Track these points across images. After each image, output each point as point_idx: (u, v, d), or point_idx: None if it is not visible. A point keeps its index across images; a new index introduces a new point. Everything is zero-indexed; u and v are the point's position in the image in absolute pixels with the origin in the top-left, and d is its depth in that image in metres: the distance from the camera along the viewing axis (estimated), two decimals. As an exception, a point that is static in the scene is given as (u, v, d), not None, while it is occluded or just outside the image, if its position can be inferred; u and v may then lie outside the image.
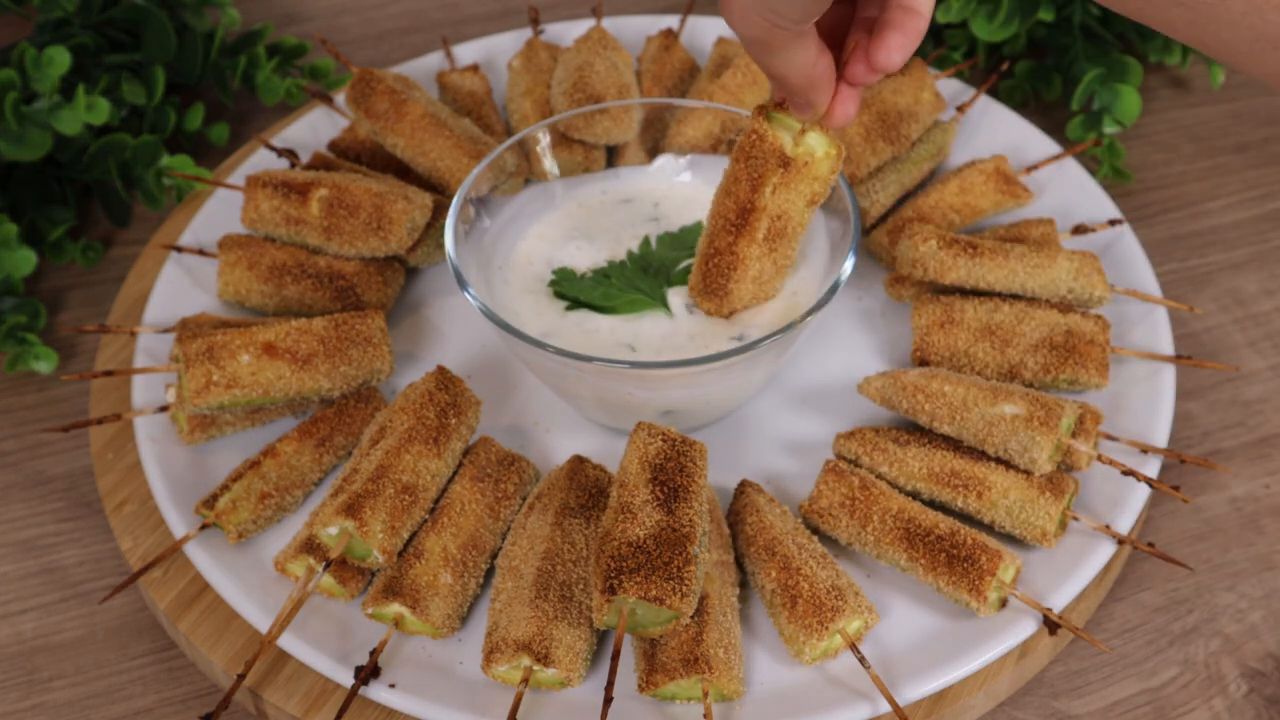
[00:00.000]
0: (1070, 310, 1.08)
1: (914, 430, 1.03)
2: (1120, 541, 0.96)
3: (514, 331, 0.97)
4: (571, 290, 1.05)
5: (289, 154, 1.23)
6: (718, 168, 1.15)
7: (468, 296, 0.99)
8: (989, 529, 0.99)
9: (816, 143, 0.93)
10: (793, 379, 1.10)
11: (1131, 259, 1.14)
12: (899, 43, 0.85)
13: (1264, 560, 1.03)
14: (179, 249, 1.17)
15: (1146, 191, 1.31)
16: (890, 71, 0.87)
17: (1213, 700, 0.96)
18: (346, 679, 0.92)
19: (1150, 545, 0.97)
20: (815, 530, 0.99)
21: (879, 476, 1.00)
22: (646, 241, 1.09)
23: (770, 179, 0.94)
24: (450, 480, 0.99)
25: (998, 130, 1.26)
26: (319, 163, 1.21)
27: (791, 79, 0.86)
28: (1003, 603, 0.94)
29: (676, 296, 1.05)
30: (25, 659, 1.01)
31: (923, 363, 1.08)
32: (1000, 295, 1.09)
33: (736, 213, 0.97)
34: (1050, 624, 0.92)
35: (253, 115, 1.42)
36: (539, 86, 1.28)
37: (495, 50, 1.36)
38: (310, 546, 0.95)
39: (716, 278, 1.01)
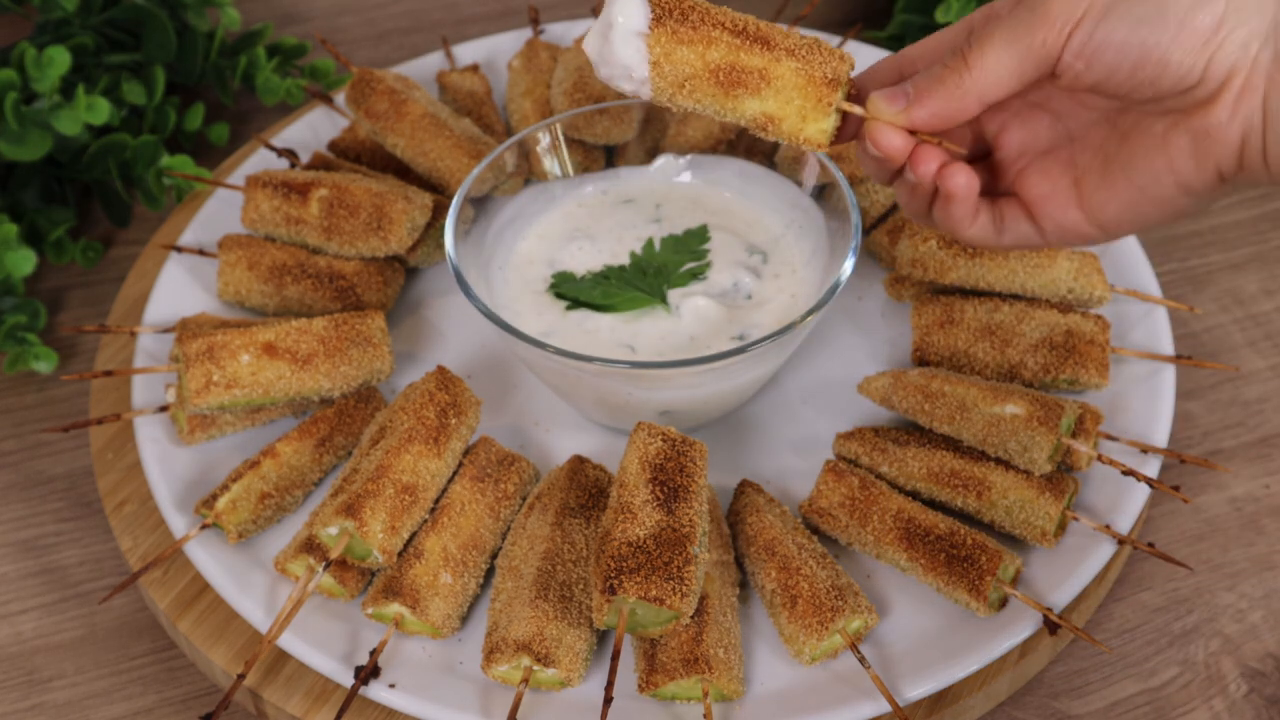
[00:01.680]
0: (1070, 310, 1.08)
1: (914, 430, 1.03)
2: (1120, 541, 0.96)
3: (514, 331, 0.97)
4: (571, 291, 1.06)
5: (289, 154, 1.23)
6: (718, 168, 1.15)
7: (468, 297, 0.99)
8: (989, 529, 0.99)
9: (819, 132, 0.82)
10: (793, 379, 1.10)
11: (1131, 259, 1.14)
12: (963, 214, 0.83)
13: (1264, 560, 1.03)
14: (179, 249, 1.17)
15: (1146, 191, 1.31)
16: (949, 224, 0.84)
17: (1213, 700, 0.96)
18: (346, 679, 0.92)
19: (1150, 545, 0.97)
20: (815, 530, 0.99)
21: (879, 476, 1.00)
22: (650, 244, 1.09)
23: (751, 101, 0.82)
24: (450, 480, 0.99)
25: (998, 130, 1.26)
26: (319, 163, 1.21)
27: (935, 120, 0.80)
28: (1003, 603, 0.94)
29: (677, 297, 1.05)
30: (25, 659, 1.01)
31: (923, 363, 1.08)
32: (1000, 295, 1.09)
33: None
34: (1050, 624, 0.92)
35: (253, 115, 1.42)
36: (539, 86, 1.28)
37: (495, 50, 1.36)
38: (310, 546, 0.95)
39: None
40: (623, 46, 0.80)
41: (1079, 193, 0.82)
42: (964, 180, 0.81)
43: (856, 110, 0.81)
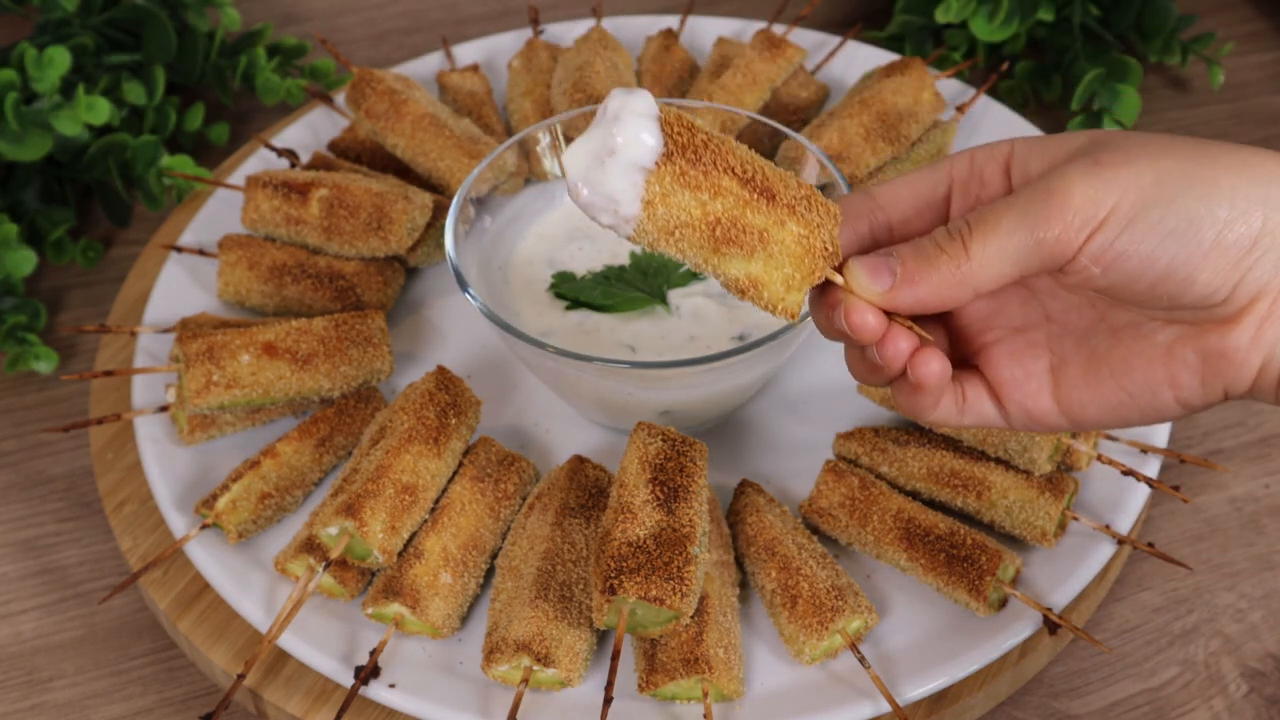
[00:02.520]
0: (1070, 310, 1.07)
1: (914, 430, 1.03)
2: (1120, 541, 0.96)
3: (514, 331, 0.97)
4: (571, 292, 1.06)
5: (289, 154, 1.23)
6: (718, 168, 1.15)
7: (468, 297, 0.99)
8: (989, 529, 0.99)
9: (789, 301, 0.72)
10: (793, 379, 1.10)
11: (1131, 259, 1.14)
12: (929, 403, 0.73)
13: (1264, 560, 1.03)
14: (179, 249, 1.17)
15: (1146, 191, 1.31)
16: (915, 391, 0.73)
17: (1213, 700, 0.96)
18: (346, 679, 0.92)
19: (1150, 545, 0.97)
20: (815, 530, 0.99)
21: (879, 476, 1.00)
22: (649, 244, 1.09)
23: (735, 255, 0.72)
24: (450, 480, 0.99)
25: (998, 130, 1.26)
26: (319, 163, 1.21)
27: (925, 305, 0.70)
28: (1003, 603, 0.94)
29: (677, 297, 1.05)
30: (25, 659, 1.01)
31: (923, 363, 1.07)
32: (1000, 295, 1.09)
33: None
34: (1050, 624, 0.92)
35: (253, 115, 1.42)
36: (539, 86, 1.28)
37: (495, 50, 1.36)
38: (310, 546, 0.95)
39: None
40: (618, 178, 0.68)
41: (1054, 382, 0.74)
42: (937, 369, 0.71)
43: (836, 280, 0.71)
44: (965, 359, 0.76)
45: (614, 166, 0.67)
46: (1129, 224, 0.66)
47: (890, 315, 0.71)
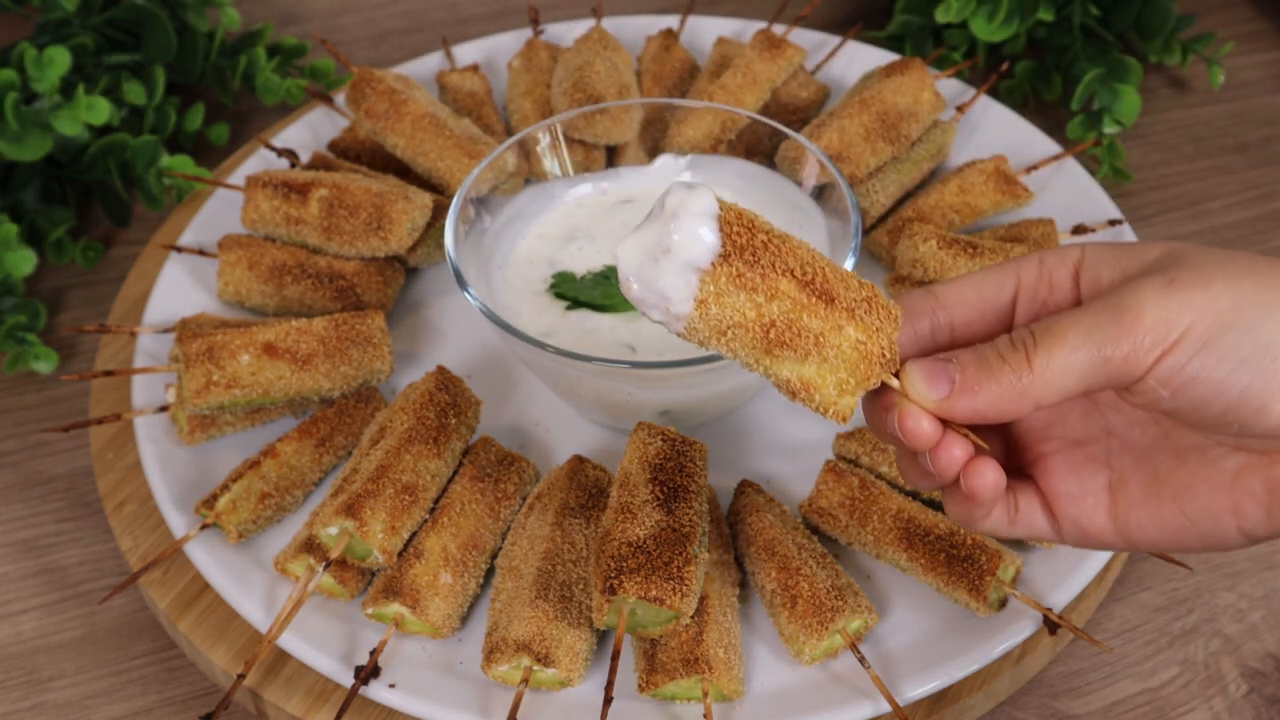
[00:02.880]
0: (1070, 310, 1.07)
1: (914, 430, 1.03)
2: (1120, 541, 0.96)
3: (514, 331, 0.97)
4: (571, 292, 1.06)
5: (289, 154, 1.23)
6: (718, 168, 1.15)
7: (468, 296, 0.99)
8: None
9: (842, 405, 0.70)
10: (793, 379, 1.10)
11: (1131, 259, 1.14)
12: (981, 512, 0.71)
13: (1264, 560, 1.03)
14: (179, 249, 1.17)
15: (1146, 191, 1.31)
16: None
17: (1213, 700, 0.96)
18: (346, 679, 0.92)
19: (1150, 545, 0.96)
20: (815, 530, 0.99)
21: (878, 476, 1.00)
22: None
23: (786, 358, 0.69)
24: (450, 480, 0.99)
25: (997, 130, 1.26)
26: (319, 163, 1.21)
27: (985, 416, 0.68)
28: (1003, 603, 0.94)
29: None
30: (25, 659, 1.01)
31: (923, 363, 1.07)
32: (1000, 295, 1.09)
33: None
34: (1050, 624, 0.92)
35: (253, 115, 1.42)
36: (539, 86, 1.28)
37: (495, 50, 1.36)
38: (310, 546, 0.95)
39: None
40: (671, 276, 0.65)
41: (1111, 499, 0.71)
42: (991, 481, 0.68)
43: (893, 384, 0.69)
44: (1020, 468, 0.74)
45: (668, 265, 0.65)
46: (1202, 348, 0.63)
47: (946, 422, 0.68)
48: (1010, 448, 0.74)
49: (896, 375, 0.68)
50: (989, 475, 0.68)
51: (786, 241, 0.68)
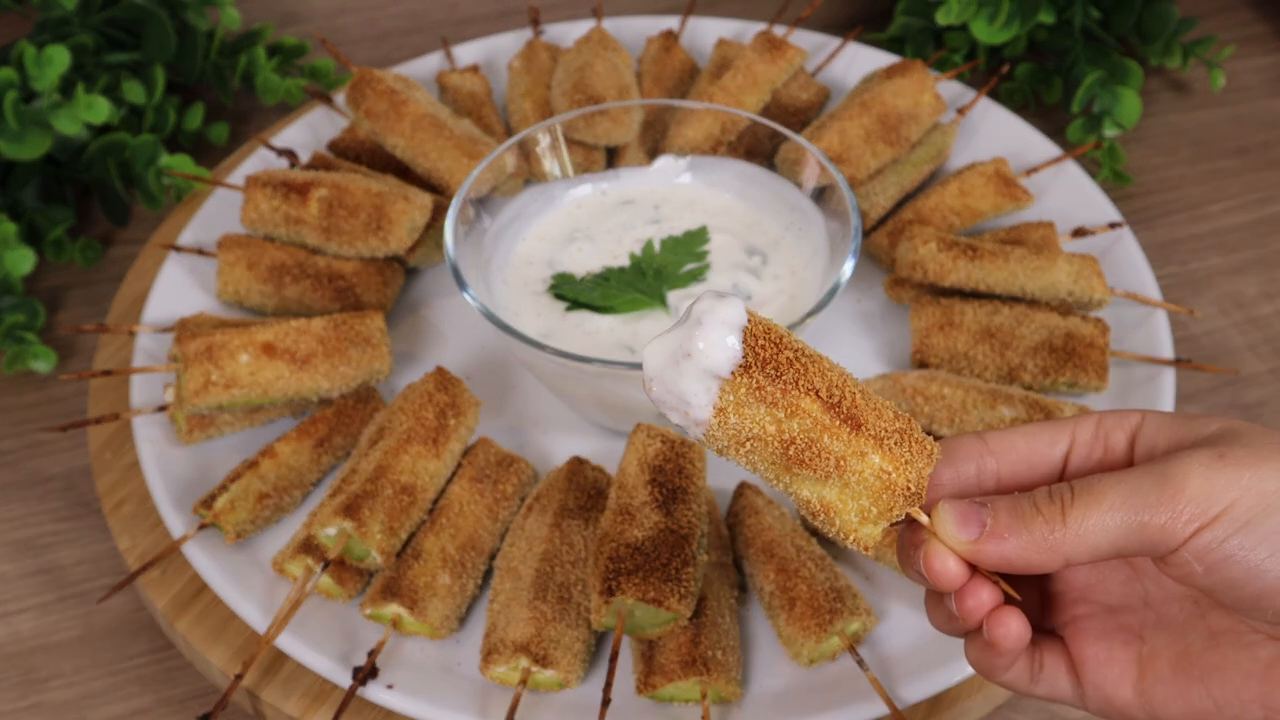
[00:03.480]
0: (1070, 313, 1.07)
1: (913, 432, 1.03)
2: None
3: (513, 332, 0.97)
4: (570, 292, 1.05)
5: (289, 154, 1.23)
6: (718, 169, 1.15)
7: (467, 297, 0.99)
8: (988, 532, 0.98)
9: (865, 536, 0.69)
10: (792, 381, 1.10)
11: (1131, 262, 1.14)
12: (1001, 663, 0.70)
13: (1263, 564, 1.02)
14: (178, 249, 1.17)
15: (1146, 194, 1.31)
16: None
17: (1211, 704, 0.95)
18: (344, 679, 0.92)
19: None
20: (814, 532, 0.99)
21: (878, 479, 1.00)
22: (650, 245, 1.09)
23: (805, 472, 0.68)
24: (449, 481, 0.99)
25: (998, 133, 1.26)
26: (319, 163, 1.21)
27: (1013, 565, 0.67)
28: (1001, 605, 0.93)
29: (676, 298, 1.05)
30: (23, 659, 1.01)
31: (922, 365, 1.08)
32: (1000, 298, 1.09)
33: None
34: (1049, 627, 0.92)
35: (253, 115, 1.42)
36: (539, 87, 1.28)
37: (495, 51, 1.36)
38: (309, 547, 0.95)
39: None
40: (692, 380, 0.66)
41: (1139, 672, 0.69)
42: (1015, 632, 0.67)
43: (922, 519, 0.68)
44: (1052, 628, 0.72)
45: (689, 369, 0.66)
46: (1242, 527, 0.62)
47: (976, 568, 0.67)
48: (1045, 605, 0.73)
49: (928, 513, 0.68)
50: (1013, 625, 0.67)
51: (817, 362, 0.67)
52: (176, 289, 1.15)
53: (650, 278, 1.06)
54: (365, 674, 0.91)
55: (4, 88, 1.17)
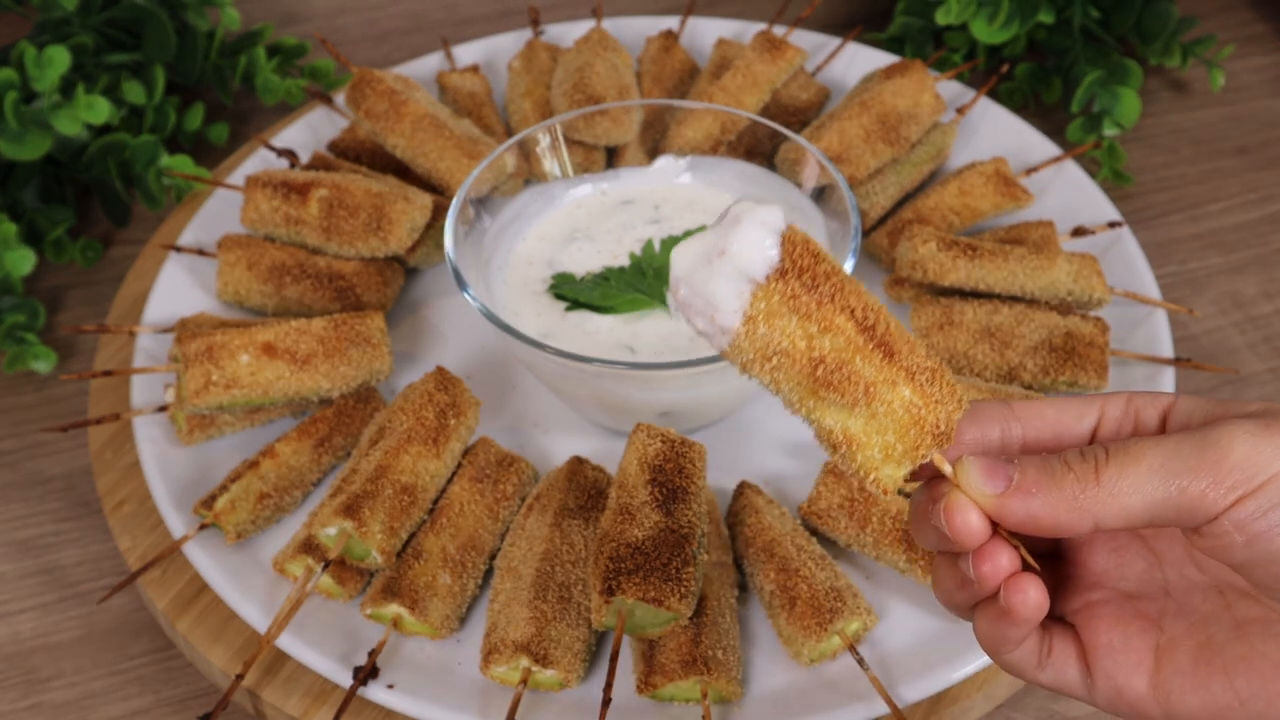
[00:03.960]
0: (1070, 312, 1.08)
1: (913, 432, 1.03)
2: (1119, 544, 0.96)
3: (513, 332, 0.97)
4: (570, 292, 1.05)
5: (289, 154, 1.23)
6: (717, 169, 1.15)
7: (467, 297, 0.99)
8: (988, 531, 0.98)
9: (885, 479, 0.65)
10: (792, 380, 1.10)
11: (1131, 261, 1.14)
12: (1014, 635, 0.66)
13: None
14: (178, 249, 1.17)
15: (1146, 194, 1.31)
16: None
17: (1211, 703, 0.95)
18: (345, 679, 0.92)
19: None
20: (814, 532, 0.99)
21: (878, 478, 1.00)
22: (649, 245, 1.09)
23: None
24: (449, 481, 0.99)
25: (997, 132, 1.26)
26: (319, 163, 1.21)
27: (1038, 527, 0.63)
28: (1001, 605, 0.93)
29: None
30: (23, 659, 1.01)
31: (922, 364, 1.07)
32: (1000, 297, 1.09)
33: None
34: (1049, 626, 0.92)
35: (252, 115, 1.42)
36: (539, 87, 1.28)
37: (495, 51, 1.36)
38: (309, 547, 0.95)
39: None
40: (722, 283, 0.62)
41: (1156, 663, 0.66)
42: (1035, 600, 0.64)
43: (945, 470, 0.64)
44: (1063, 614, 0.69)
45: (722, 269, 0.61)
46: None
47: (995, 529, 0.63)
48: (1058, 589, 0.70)
49: (951, 464, 0.64)
50: (1032, 593, 0.63)
51: (853, 284, 0.63)
52: (177, 289, 1.15)
53: (650, 278, 1.06)
54: (366, 674, 0.91)
55: (4, 88, 1.17)
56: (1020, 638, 0.66)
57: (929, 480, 0.65)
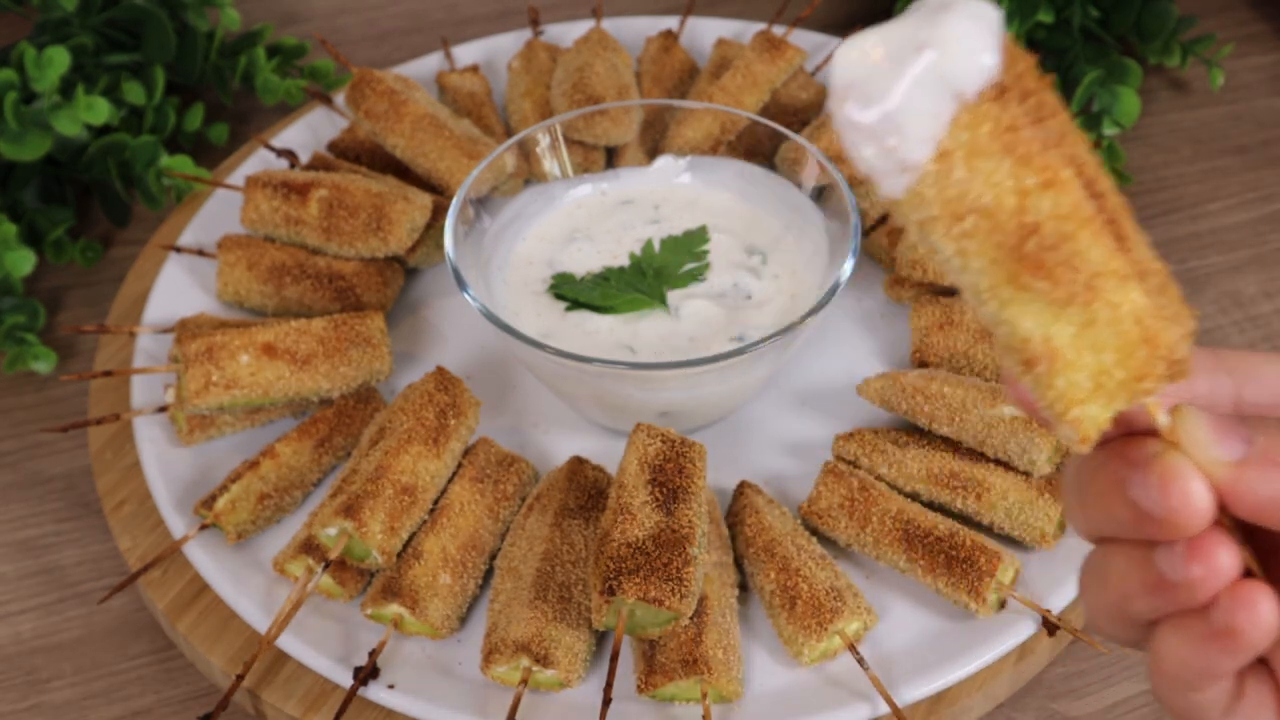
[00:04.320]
0: (1070, 312, 1.07)
1: (913, 431, 1.03)
2: (1119, 543, 0.96)
3: (513, 332, 0.97)
4: (570, 292, 1.05)
5: (288, 154, 1.23)
6: (717, 169, 1.15)
7: (467, 297, 0.99)
8: (988, 530, 0.98)
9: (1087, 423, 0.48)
10: (792, 380, 1.10)
11: (1131, 261, 1.14)
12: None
13: (1263, 562, 1.02)
14: (178, 249, 1.17)
15: (1146, 193, 1.31)
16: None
17: (1211, 702, 0.95)
18: (345, 680, 0.92)
19: (1149, 547, 0.96)
20: (814, 531, 0.99)
21: (878, 478, 1.00)
22: (649, 245, 1.09)
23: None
24: (449, 481, 0.99)
25: (997, 132, 1.26)
26: (319, 163, 1.21)
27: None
28: (1002, 604, 0.94)
29: (676, 298, 1.05)
30: (24, 659, 1.01)
31: (922, 364, 1.08)
32: (1000, 297, 1.09)
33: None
34: (1049, 625, 0.92)
35: (252, 115, 1.42)
36: (539, 87, 1.28)
37: (495, 51, 1.36)
38: (309, 547, 0.95)
39: None
40: (918, 93, 0.43)
41: None
42: (1266, 620, 0.46)
43: (1160, 420, 0.48)
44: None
45: (914, 72, 0.43)
46: None
47: (1221, 518, 0.47)
48: None
49: (1169, 414, 0.48)
50: (1263, 609, 0.46)
51: (1078, 131, 0.46)
52: (176, 289, 1.15)
53: (650, 278, 1.06)
54: (366, 674, 0.91)
55: (4, 89, 1.17)
56: (1232, 670, 0.49)
57: (1120, 437, 0.49)
